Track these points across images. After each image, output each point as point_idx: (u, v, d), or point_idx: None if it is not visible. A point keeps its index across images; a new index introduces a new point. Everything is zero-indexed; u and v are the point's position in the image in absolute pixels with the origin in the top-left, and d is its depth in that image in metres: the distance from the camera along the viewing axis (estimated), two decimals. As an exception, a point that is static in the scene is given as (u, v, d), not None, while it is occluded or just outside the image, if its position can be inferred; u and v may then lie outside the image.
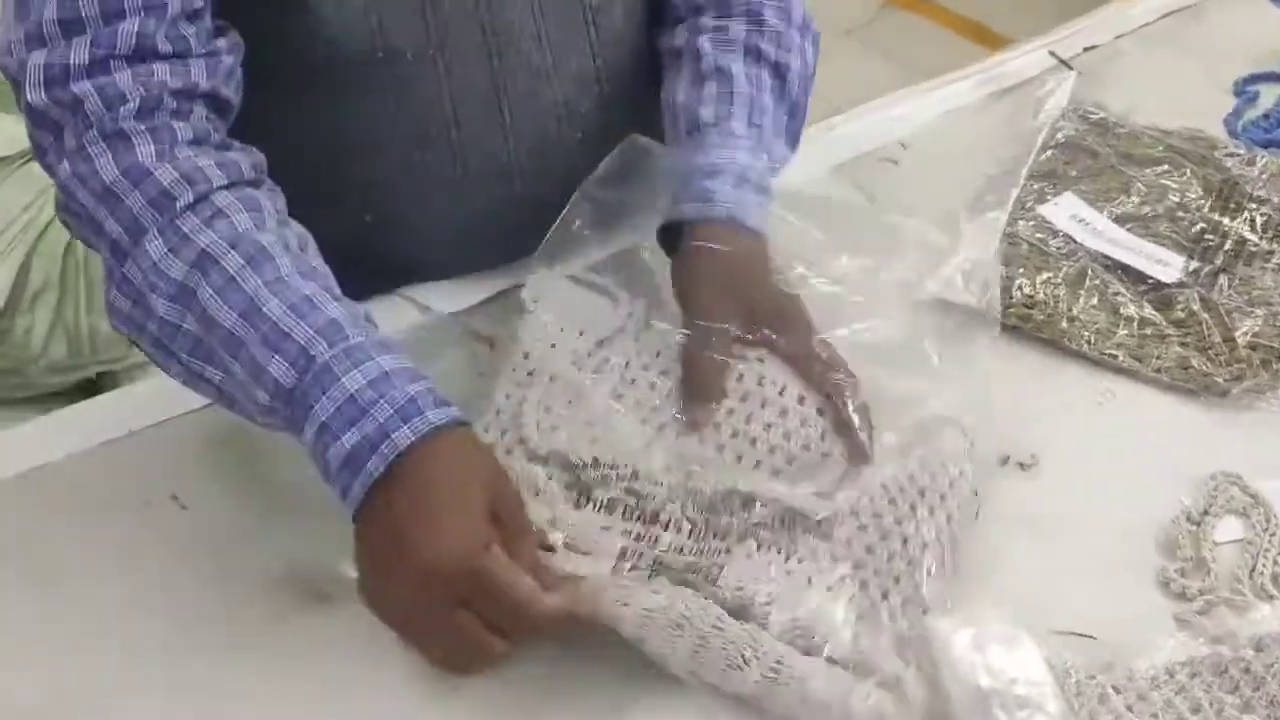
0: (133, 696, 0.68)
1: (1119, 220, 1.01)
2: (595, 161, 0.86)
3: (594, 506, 0.74)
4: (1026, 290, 0.94)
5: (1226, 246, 0.98)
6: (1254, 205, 1.01)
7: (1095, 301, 0.94)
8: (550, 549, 0.71)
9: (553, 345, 0.80)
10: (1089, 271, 0.96)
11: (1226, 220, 1.00)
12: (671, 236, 0.85)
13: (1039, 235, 0.99)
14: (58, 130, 0.71)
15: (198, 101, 0.73)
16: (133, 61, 0.70)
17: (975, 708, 0.65)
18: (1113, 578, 0.78)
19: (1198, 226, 1.00)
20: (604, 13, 0.90)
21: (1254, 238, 0.99)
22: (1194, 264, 0.97)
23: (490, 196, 0.91)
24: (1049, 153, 1.07)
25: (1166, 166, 1.05)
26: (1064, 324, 0.92)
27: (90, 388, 1.73)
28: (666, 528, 0.73)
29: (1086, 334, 0.92)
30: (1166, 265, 0.97)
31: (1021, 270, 0.95)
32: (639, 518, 0.74)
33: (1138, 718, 0.64)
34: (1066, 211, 1.01)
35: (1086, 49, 1.26)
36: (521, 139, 0.89)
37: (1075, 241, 0.98)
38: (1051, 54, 1.22)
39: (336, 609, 0.71)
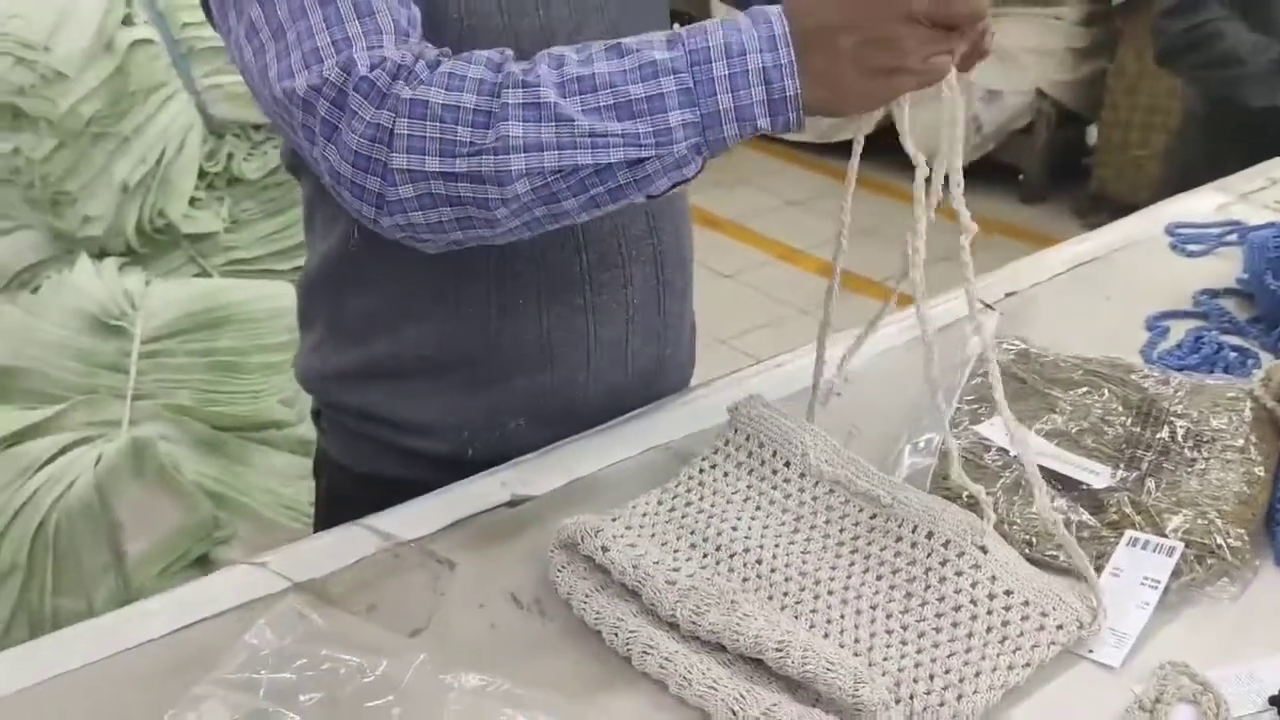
0: None
1: (1048, 437, 1.06)
2: None
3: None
4: (966, 500, 0.98)
5: (1150, 454, 1.03)
6: (1174, 418, 1.07)
7: (1033, 508, 0.98)
8: None
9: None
10: (1023, 481, 1.00)
11: (1149, 432, 1.06)
12: None
13: (973, 452, 1.04)
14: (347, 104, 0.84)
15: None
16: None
17: None
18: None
19: (1122, 438, 1.06)
20: None
21: (1176, 446, 1.04)
22: (1121, 472, 1.02)
23: None
24: (977, 379, 1.14)
25: (1087, 388, 1.12)
26: (1005, 528, 0.96)
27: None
28: None
29: (1027, 537, 0.95)
30: (1096, 474, 1.02)
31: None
32: None
33: None
34: (1001, 430, 1.07)
35: (1007, 294, 1.36)
36: None
37: (1009, 455, 1.04)
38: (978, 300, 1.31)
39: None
